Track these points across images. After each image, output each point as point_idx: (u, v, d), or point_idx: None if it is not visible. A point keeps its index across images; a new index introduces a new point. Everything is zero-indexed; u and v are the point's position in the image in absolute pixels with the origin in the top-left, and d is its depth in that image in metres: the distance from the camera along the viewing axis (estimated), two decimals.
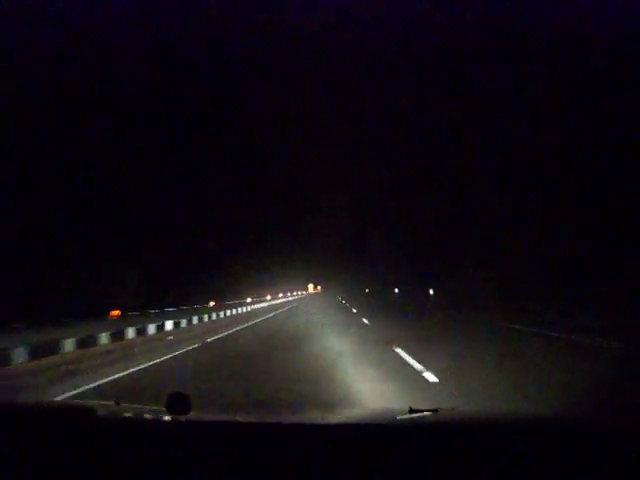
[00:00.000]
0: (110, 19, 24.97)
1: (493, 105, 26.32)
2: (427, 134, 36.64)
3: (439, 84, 34.98)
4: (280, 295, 46.24)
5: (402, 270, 50.27)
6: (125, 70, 26.07)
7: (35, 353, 7.43)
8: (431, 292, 31.79)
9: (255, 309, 26.69)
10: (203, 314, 17.31)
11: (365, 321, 14.11)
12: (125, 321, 12.32)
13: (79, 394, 4.88)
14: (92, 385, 5.31)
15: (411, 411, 1.69)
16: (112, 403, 1.91)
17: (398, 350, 7.02)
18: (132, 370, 6.16)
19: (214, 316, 18.26)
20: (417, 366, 5.63)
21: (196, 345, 8.75)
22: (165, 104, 30.48)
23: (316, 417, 2.22)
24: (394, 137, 44.96)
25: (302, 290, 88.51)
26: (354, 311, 20.09)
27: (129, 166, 25.01)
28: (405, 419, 1.72)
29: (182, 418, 1.50)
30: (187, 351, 8.05)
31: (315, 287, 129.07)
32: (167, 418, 1.53)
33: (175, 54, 30.49)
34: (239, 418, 2.02)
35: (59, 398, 4.69)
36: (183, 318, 14.78)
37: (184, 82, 32.93)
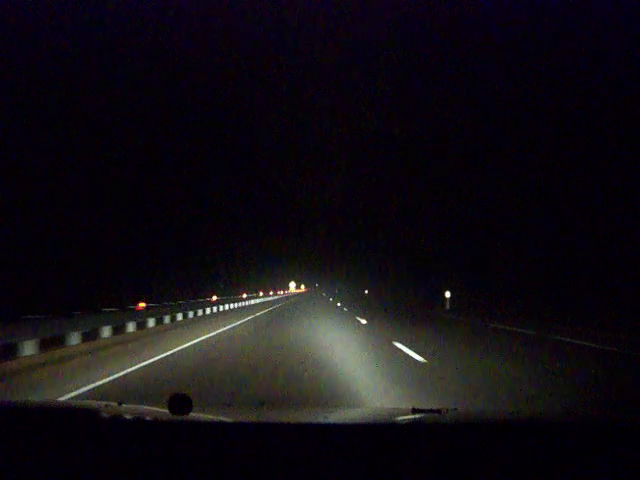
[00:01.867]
0: (112, 20, 26.22)
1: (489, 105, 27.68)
2: (426, 136, 37.97)
3: (439, 84, 37.47)
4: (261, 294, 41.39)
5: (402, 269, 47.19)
6: (127, 72, 27.13)
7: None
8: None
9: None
10: None
11: None
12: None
13: None
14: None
15: (414, 411, 1.71)
16: (114, 403, 1.90)
17: None
18: None
19: None
20: None
21: None
22: (169, 104, 32.34)
23: (318, 417, 2.21)
24: (393, 136, 45.17)
25: (281, 290, 76.97)
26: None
27: (132, 170, 25.71)
28: (408, 419, 1.74)
29: (184, 418, 1.50)
30: None
31: (298, 286, 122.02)
32: (169, 418, 1.53)
33: (174, 54, 32.51)
34: (241, 418, 2.02)
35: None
36: None
37: (186, 82, 35.13)
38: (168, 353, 8.74)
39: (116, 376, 6.39)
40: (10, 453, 1.28)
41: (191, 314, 19.52)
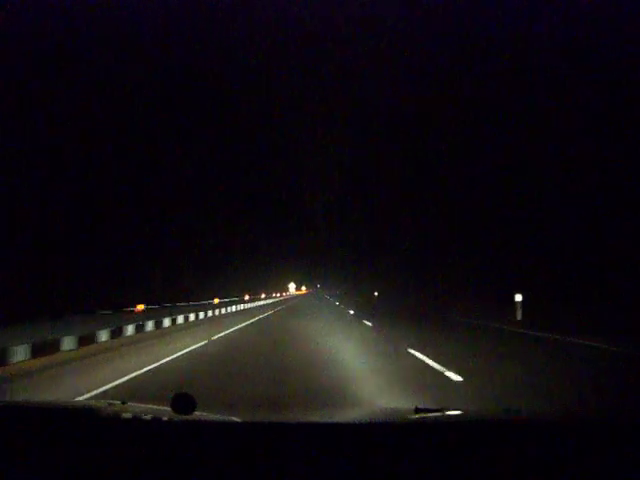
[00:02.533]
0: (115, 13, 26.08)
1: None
2: (428, 131, 36.02)
3: (433, 82, 35.35)
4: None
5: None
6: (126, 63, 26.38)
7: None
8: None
9: None
10: None
11: None
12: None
13: None
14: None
15: (417, 410, 1.71)
16: (118, 402, 1.91)
17: None
18: None
19: None
20: None
21: None
22: (167, 105, 31.31)
23: (322, 416, 2.28)
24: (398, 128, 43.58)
25: (278, 292, 62.50)
26: None
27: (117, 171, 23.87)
28: (411, 419, 1.74)
29: (187, 418, 1.50)
30: None
31: (299, 287, 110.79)
32: (172, 418, 1.55)
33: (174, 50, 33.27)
34: (244, 418, 2.01)
35: None
36: None
37: (185, 78, 34.06)
38: None
39: None
40: (13, 453, 1.25)
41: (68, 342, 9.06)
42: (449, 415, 1.80)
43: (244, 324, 17.18)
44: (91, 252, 21.48)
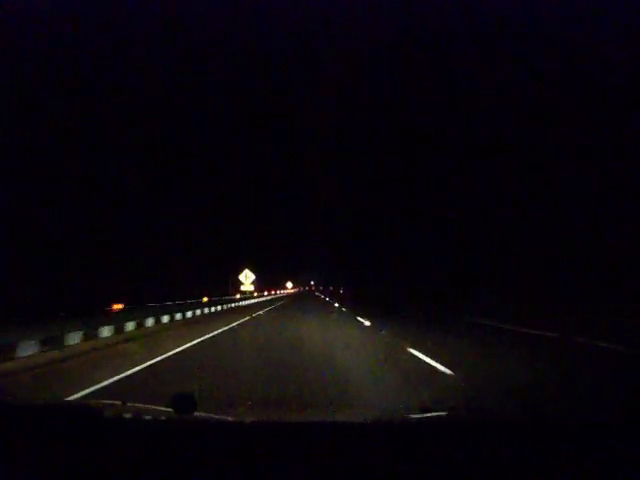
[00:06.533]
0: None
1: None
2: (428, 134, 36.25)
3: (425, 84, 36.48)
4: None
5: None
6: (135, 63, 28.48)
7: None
8: None
9: None
10: None
11: None
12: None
13: None
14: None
15: (423, 410, 1.74)
16: (118, 403, 1.90)
17: None
18: None
19: None
20: None
21: None
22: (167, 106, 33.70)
23: (325, 416, 2.27)
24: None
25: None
26: None
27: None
28: (415, 418, 1.75)
29: (187, 418, 1.50)
30: None
31: (279, 284, 72.84)
32: (173, 418, 1.54)
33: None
34: (244, 418, 1.98)
35: None
36: None
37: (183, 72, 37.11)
38: None
39: None
40: (13, 453, 1.23)
41: None
42: (455, 415, 1.78)
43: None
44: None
